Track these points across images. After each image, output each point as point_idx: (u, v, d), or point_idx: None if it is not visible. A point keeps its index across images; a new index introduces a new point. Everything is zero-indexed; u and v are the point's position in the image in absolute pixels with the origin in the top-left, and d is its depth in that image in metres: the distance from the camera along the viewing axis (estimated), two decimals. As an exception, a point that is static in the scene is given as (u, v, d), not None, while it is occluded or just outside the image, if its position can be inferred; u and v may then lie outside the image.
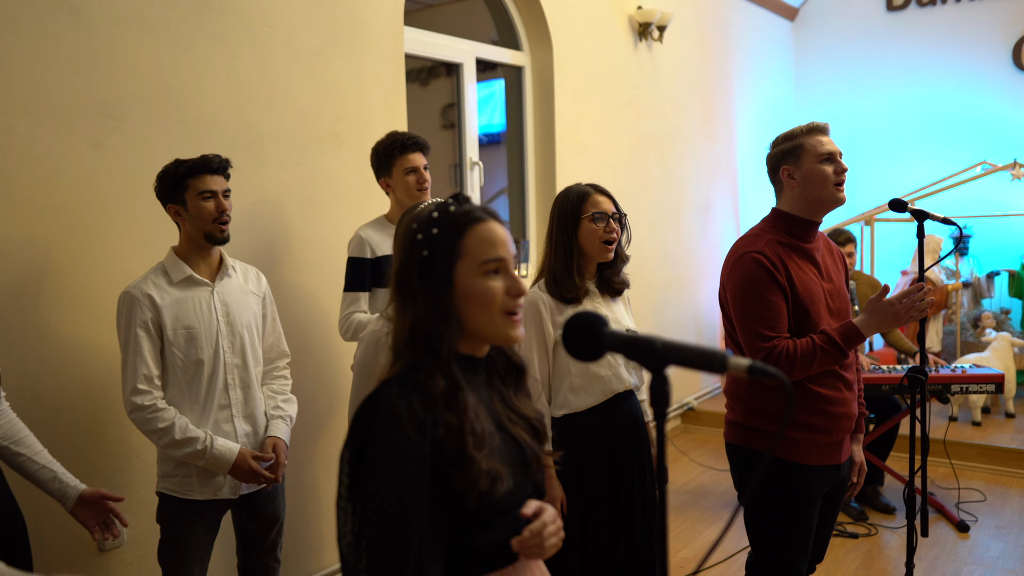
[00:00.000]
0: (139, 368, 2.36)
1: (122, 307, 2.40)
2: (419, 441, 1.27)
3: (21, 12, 2.52)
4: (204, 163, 2.45)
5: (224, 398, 2.47)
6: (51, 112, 2.60)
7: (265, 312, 2.65)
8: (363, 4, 3.61)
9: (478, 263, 1.36)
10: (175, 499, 2.45)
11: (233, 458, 2.40)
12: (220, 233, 2.47)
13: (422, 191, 3.12)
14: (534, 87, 4.88)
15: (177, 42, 2.92)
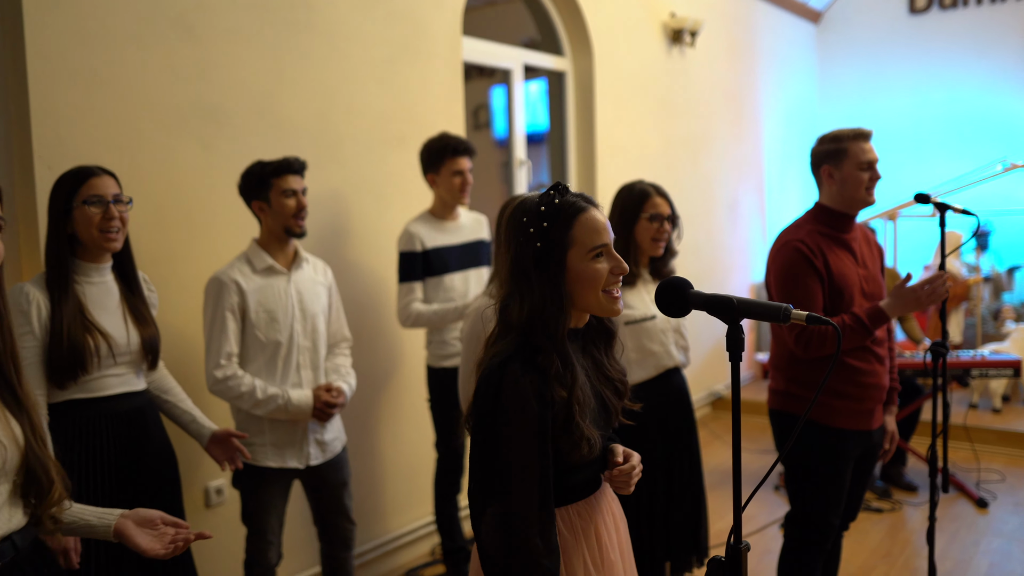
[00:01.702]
0: (223, 346, 2.67)
1: (210, 291, 2.72)
2: (541, 413, 1.52)
3: (146, 31, 2.87)
4: (287, 165, 2.77)
5: (296, 377, 2.77)
6: (169, 116, 2.95)
7: (331, 301, 2.94)
8: (427, 16, 3.95)
9: (587, 250, 1.57)
10: (251, 467, 2.73)
11: (310, 402, 2.71)
12: (298, 228, 2.79)
13: (464, 193, 3.44)
14: (575, 91, 5.20)
15: (272, 55, 3.27)
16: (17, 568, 1.46)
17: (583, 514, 1.66)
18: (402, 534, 3.88)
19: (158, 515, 1.60)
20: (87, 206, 2.25)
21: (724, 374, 6.68)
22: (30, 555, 1.50)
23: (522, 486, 1.51)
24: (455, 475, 3.56)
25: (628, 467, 1.71)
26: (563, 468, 1.61)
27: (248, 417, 2.73)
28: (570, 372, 1.58)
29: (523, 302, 1.58)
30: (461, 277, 3.41)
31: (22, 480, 1.48)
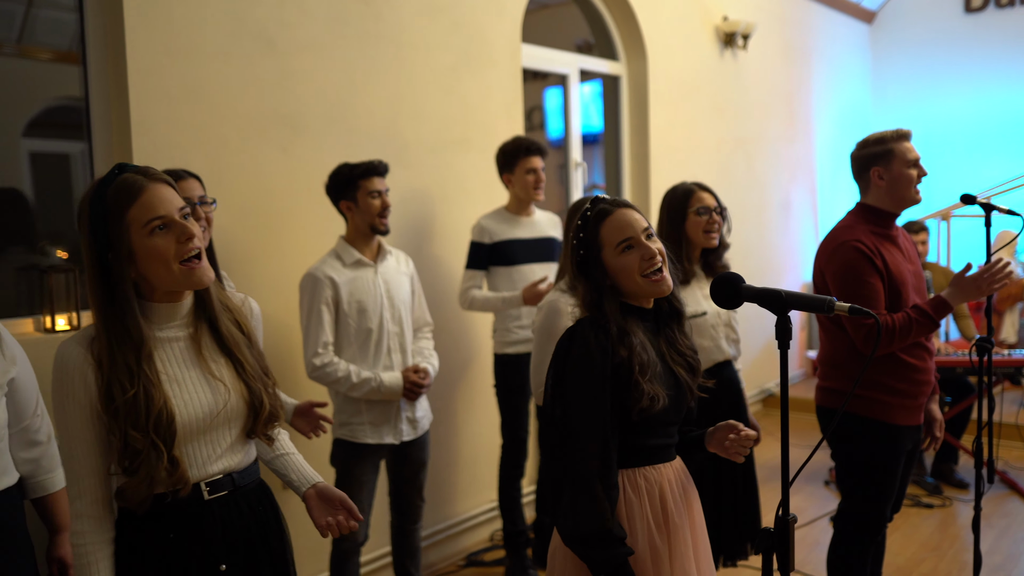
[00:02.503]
0: (320, 336, 2.90)
1: (306, 286, 2.94)
2: (603, 362, 1.78)
3: (232, 46, 3.10)
4: (372, 167, 2.99)
5: (387, 360, 3.00)
6: (252, 125, 3.18)
7: (413, 289, 3.17)
8: (489, 25, 4.14)
9: (614, 246, 1.86)
10: (349, 443, 2.99)
11: (400, 383, 2.94)
12: (382, 226, 3.01)
13: (537, 190, 3.63)
14: (629, 94, 5.34)
15: (344, 65, 3.48)
16: (234, 503, 1.67)
17: (649, 478, 1.85)
18: (464, 519, 4.07)
19: (340, 498, 1.80)
20: None
21: (774, 373, 6.77)
22: (248, 494, 1.71)
23: (584, 429, 1.75)
24: (519, 459, 3.74)
25: (746, 435, 1.90)
26: (635, 429, 1.82)
27: (345, 399, 2.97)
28: (627, 338, 1.82)
29: (579, 289, 1.90)
30: (528, 269, 3.60)
31: (246, 420, 1.69)
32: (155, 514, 1.61)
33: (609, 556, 1.70)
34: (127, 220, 1.54)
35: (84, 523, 1.59)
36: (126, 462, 1.56)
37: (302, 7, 3.32)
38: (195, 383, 1.63)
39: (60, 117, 3.16)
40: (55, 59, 3.08)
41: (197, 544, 1.62)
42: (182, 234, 1.56)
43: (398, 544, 3.24)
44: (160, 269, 1.57)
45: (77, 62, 2.97)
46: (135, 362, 1.56)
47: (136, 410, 1.54)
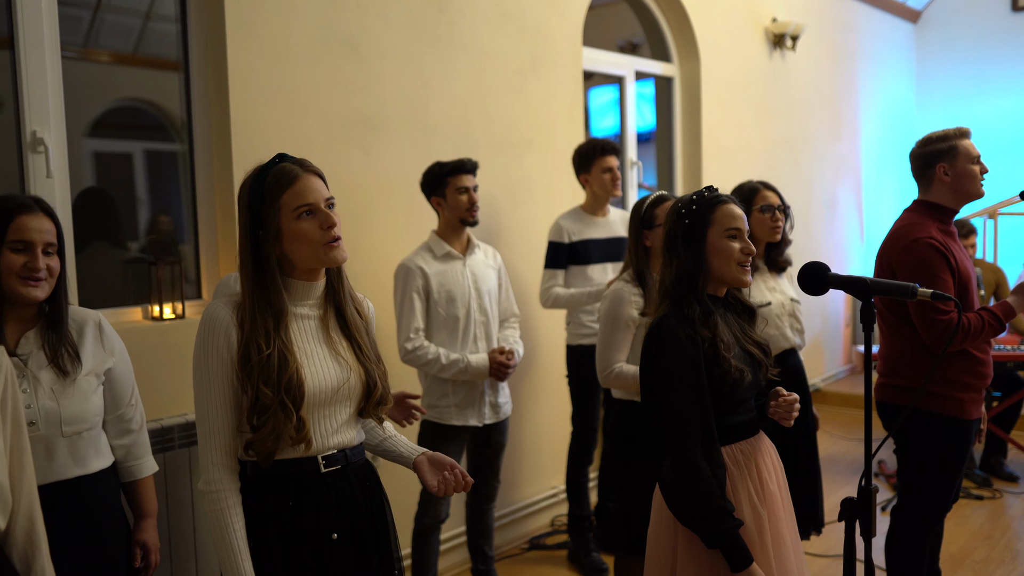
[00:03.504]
0: (412, 322, 3.10)
1: (399, 276, 3.13)
2: (694, 353, 1.94)
3: (320, 51, 3.29)
4: (461, 165, 3.17)
5: (474, 347, 3.19)
6: (336, 125, 3.37)
7: (500, 281, 3.36)
8: (552, 30, 4.30)
9: (723, 229, 2.03)
10: (436, 424, 3.18)
11: (487, 363, 3.12)
12: (471, 217, 3.19)
13: (615, 187, 3.78)
14: (682, 94, 5.48)
15: (421, 69, 3.66)
16: (345, 477, 1.80)
17: (745, 452, 2.02)
18: (527, 504, 4.24)
19: (449, 463, 1.92)
20: None
21: (820, 369, 6.88)
22: (357, 470, 1.85)
23: (684, 415, 1.90)
24: (589, 447, 3.89)
25: (791, 398, 2.07)
26: (723, 409, 1.97)
27: (435, 381, 3.16)
28: (711, 317, 1.99)
29: (672, 266, 2.05)
30: (601, 268, 3.75)
31: (360, 399, 1.81)
32: (277, 481, 1.73)
33: (722, 530, 1.86)
34: (279, 204, 1.71)
35: (218, 471, 1.70)
36: (254, 418, 1.68)
37: (383, 15, 3.51)
38: (323, 358, 1.77)
39: (123, 118, 3.36)
40: (152, 65, 3.28)
41: (312, 513, 1.74)
42: (324, 222, 1.73)
43: (472, 523, 3.42)
44: (303, 248, 1.72)
45: (178, 68, 3.17)
46: (273, 328, 1.70)
47: (269, 369, 1.67)
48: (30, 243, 1.94)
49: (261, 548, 1.71)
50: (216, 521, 1.69)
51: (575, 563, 3.90)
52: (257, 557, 1.70)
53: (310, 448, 1.74)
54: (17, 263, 1.92)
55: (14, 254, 1.92)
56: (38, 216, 1.97)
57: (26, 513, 1.51)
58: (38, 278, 1.94)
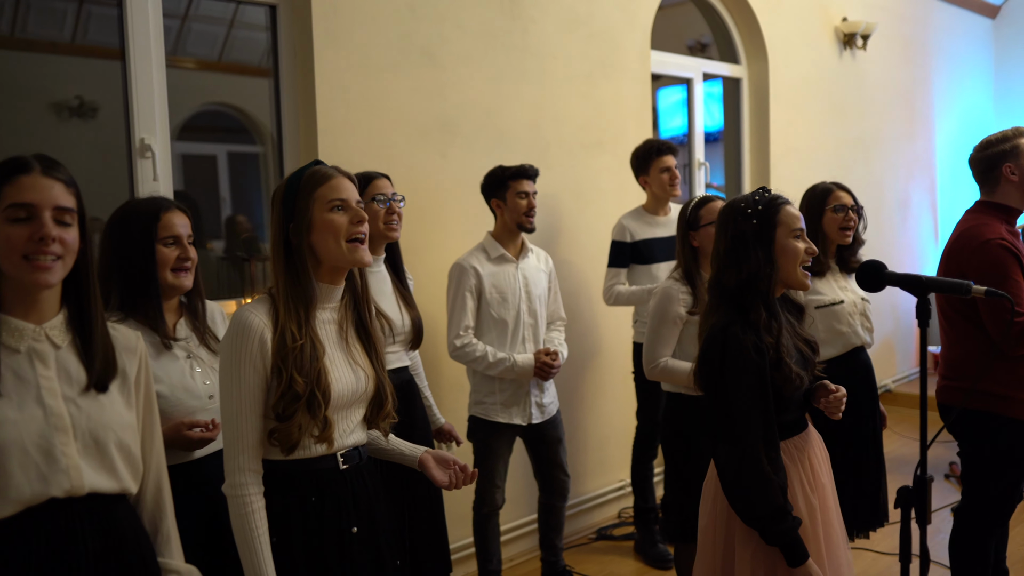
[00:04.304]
0: (462, 320, 3.23)
1: (453, 274, 3.28)
2: (759, 360, 2.00)
3: (400, 59, 3.47)
4: (522, 171, 3.29)
5: (522, 348, 3.30)
6: (415, 130, 3.54)
7: (550, 286, 3.47)
8: (621, 34, 4.41)
9: (790, 230, 2.09)
10: (482, 420, 3.30)
11: (532, 363, 3.23)
12: (528, 224, 3.30)
13: (674, 186, 3.87)
14: (750, 95, 5.53)
15: (494, 75, 3.82)
16: (359, 473, 1.92)
17: (798, 446, 2.10)
18: (594, 496, 4.37)
19: (452, 458, 2.03)
20: (373, 203, 2.79)
21: (891, 370, 6.83)
22: (370, 467, 1.97)
23: (748, 421, 1.97)
24: (653, 440, 3.99)
25: (841, 394, 2.15)
26: (778, 406, 2.04)
27: (482, 378, 3.29)
28: (775, 322, 2.06)
29: (740, 268, 2.07)
30: (667, 267, 3.84)
31: (370, 403, 1.93)
32: (300, 479, 1.79)
33: (783, 529, 1.95)
34: (314, 196, 1.79)
35: (244, 476, 1.74)
36: (282, 406, 1.73)
37: (459, 24, 3.67)
38: (343, 364, 1.84)
39: (207, 121, 3.57)
40: (243, 72, 3.51)
41: (333, 508, 1.81)
42: (355, 217, 1.82)
43: (544, 519, 3.55)
44: (330, 241, 1.78)
45: (260, 74, 3.39)
46: (304, 316, 1.77)
47: (302, 359, 1.73)
48: (178, 237, 2.15)
49: (285, 543, 1.77)
50: (241, 524, 1.74)
51: (641, 554, 4.01)
52: (282, 551, 1.76)
53: (331, 447, 1.81)
54: (171, 256, 2.14)
55: (166, 248, 2.13)
56: (179, 212, 2.19)
57: (155, 480, 1.68)
58: (187, 268, 2.16)
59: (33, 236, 1.45)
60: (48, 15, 2.86)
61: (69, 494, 1.47)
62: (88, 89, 3.01)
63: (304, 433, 1.76)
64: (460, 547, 3.69)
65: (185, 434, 2.07)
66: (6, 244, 1.45)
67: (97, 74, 3.09)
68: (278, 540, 1.77)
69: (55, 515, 1.47)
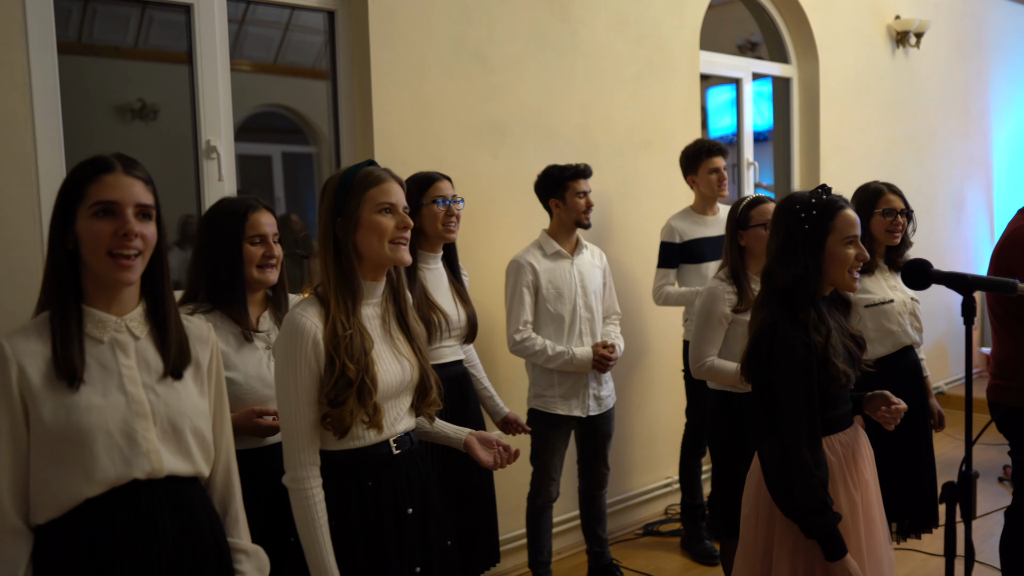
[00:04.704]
0: (521, 315, 3.31)
1: (511, 271, 3.36)
2: (807, 357, 2.04)
3: (453, 63, 3.57)
4: (580, 170, 3.36)
5: (579, 342, 3.37)
6: (467, 132, 3.63)
7: (605, 281, 3.53)
8: (670, 35, 4.45)
9: (842, 236, 2.10)
10: (542, 413, 3.38)
11: (591, 355, 3.29)
12: (586, 220, 3.38)
13: (722, 187, 3.90)
14: (800, 94, 5.52)
15: (544, 77, 3.89)
16: (411, 458, 1.99)
17: (844, 443, 2.14)
18: (641, 492, 4.41)
19: (495, 438, 2.12)
20: (433, 204, 2.89)
21: (945, 373, 6.74)
22: (421, 451, 2.05)
23: (793, 416, 2.01)
24: (701, 438, 4.02)
25: (901, 407, 2.18)
26: (824, 403, 2.08)
27: (541, 372, 3.37)
28: (823, 322, 2.09)
29: (789, 269, 2.10)
30: (715, 265, 3.88)
31: (416, 391, 1.98)
32: (358, 466, 1.87)
33: (823, 523, 1.98)
34: (364, 197, 1.86)
35: (304, 470, 1.81)
36: (334, 392, 1.80)
37: (510, 27, 3.75)
38: (389, 356, 1.91)
39: (262, 122, 3.67)
40: (301, 75, 3.63)
41: (389, 491, 1.89)
42: (401, 222, 1.90)
43: (586, 508, 3.63)
44: (374, 241, 1.86)
45: (314, 76, 3.50)
46: (352, 307, 1.85)
47: (352, 346, 1.81)
48: (264, 236, 2.28)
49: (345, 526, 1.85)
50: (302, 515, 1.81)
51: (687, 550, 4.05)
52: (342, 534, 1.84)
53: (381, 433, 1.88)
54: (257, 254, 2.26)
55: (253, 246, 2.26)
56: (265, 212, 2.31)
57: (224, 464, 1.77)
58: (272, 264, 2.28)
59: (117, 232, 1.55)
60: (113, 21, 2.99)
61: (150, 476, 1.58)
62: (150, 92, 3.14)
63: (355, 419, 1.83)
64: (508, 539, 3.76)
65: (256, 421, 2.18)
66: (92, 240, 1.55)
67: (158, 77, 3.22)
68: (337, 524, 1.84)
69: (137, 495, 1.57)
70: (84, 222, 1.56)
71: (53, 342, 1.55)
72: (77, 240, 1.57)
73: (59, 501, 1.53)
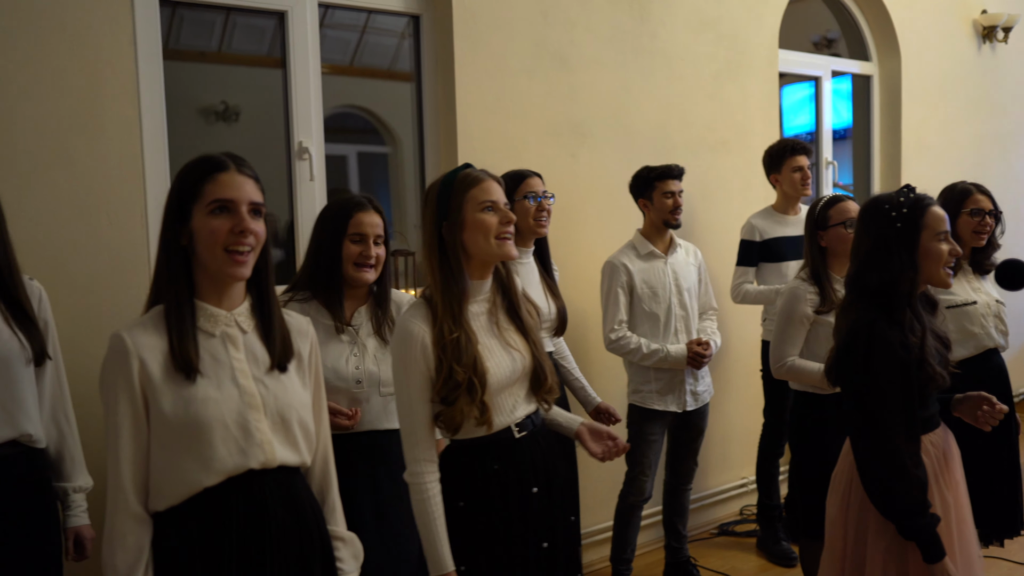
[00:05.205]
0: (616, 315, 3.36)
1: (605, 272, 3.41)
2: (905, 357, 2.03)
3: (533, 64, 3.63)
4: (669, 170, 3.39)
5: (674, 340, 3.41)
6: (547, 132, 3.69)
7: (700, 277, 3.56)
8: (749, 35, 4.44)
9: (935, 233, 2.10)
10: (640, 408, 3.43)
11: (685, 352, 3.33)
12: (675, 221, 3.41)
13: (805, 187, 3.88)
14: (881, 92, 5.43)
15: (623, 77, 3.92)
16: (534, 440, 2.04)
17: (935, 442, 2.14)
18: (716, 492, 4.41)
19: (606, 431, 2.16)
20: (524, 200, 2.96)
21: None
22: (545, 433, 2.11)
23: (892, 417, 2.01)
24: (779, 438, 4.01)
25: (1003, 409, 2.17)
26: (919, 404, 2.07)
27: (638, 368, 3.41)
28: (919, 322, 2.08)
29: (884, 270, 2.09)
30: (796, 265, 3.85)
31: (531, 379, 2.04)
32: (484, 450, 1.95)
33: (922, 525, 1.98)
34: (467, 197, 1.92)
35: (421, 465, 1.90)
36: (444, 392, 1.87)
37: (589, 28, 3.80)
38: (498, 349, 1.97)
39: (339, 123, 3.76)
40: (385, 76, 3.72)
41: (514, 472, 1.96)
42: (504, 218, 1.95)
43: (669, 502, 3.65)
44: (480, 239, 1.92)
45: (401, 79, 3.59)
46: (458, 311, 1.91)
47: (459, 349, 1.87)
48: (364, 236, 2.35)
49: (473, 506, 1.93)
50: (421, 509, 1.89)
51: (764, 551, 4.04)
52: (471, 514, 1.93)
53: (490, 429, 1.94)
54: (354, 252, 2.34)
55: (352, 244, 2.34)
56: (371, 213, 2.38)
57: (322, 454, 1.83)
58: (369, 265, 2.34)
59: (233, 229, 1.60)
60: (198, 26, 3.10)
61: (263, 466, 1.63)
62: (232, 94, 3.27)
63: (466, 417, 1.89)
64: (590, 532, 3.82)
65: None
66: (210, 237, 1.60)
67: (241, 80, 3.34)
68: (466, 504, 1.94)
69: (251, 485, 1.62)
70: (200, 219, 1.60)
71: (169, 336, 1.60)
72: (192, 236, 1.61)
73: (178, 489, 1.58)
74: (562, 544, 2.05)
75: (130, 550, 1.56)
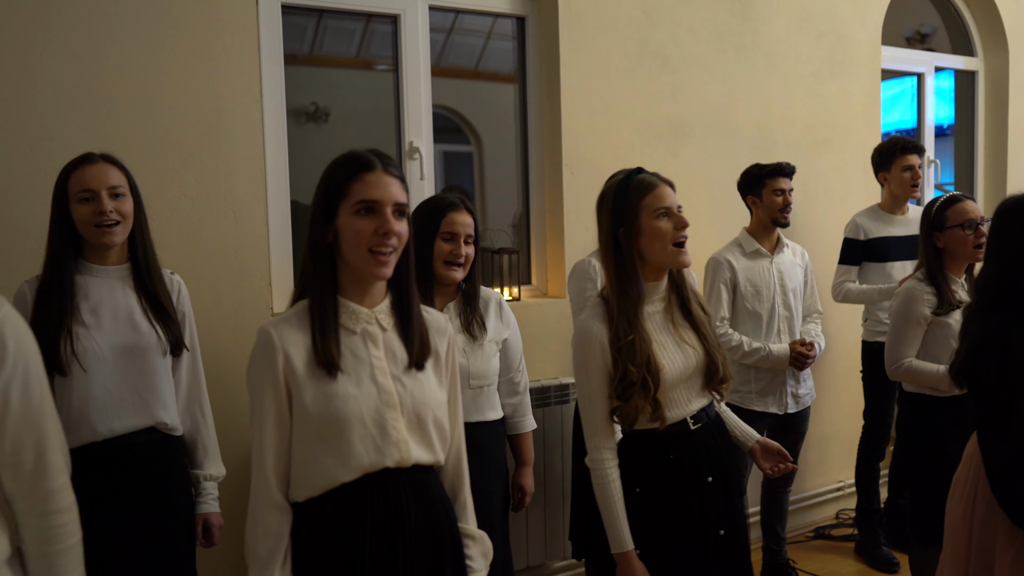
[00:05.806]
0: (718, 311, 3.36)
1: (709, 268, 3.41)
2: None
3: (635, 64, 3.64)
4: (779, 168, 3.38)
5: (777, 339, 3.39)
6: (649, 131, 3.70)
7: (807, 279, 3.53)
8: (851, 32, 4.36)
9: None
10: (738, 408, 3.40)
11: (788, 352, 3.32)
12: (783, 219, 3.39)
13: (915, 187, 3.80)
14: (987, 88, 5.26)
15: (724, 76, 3.90)
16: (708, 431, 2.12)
17: None
18: (812, 495, 4.36)
19: (777, 448, 2.26)
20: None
21: None
22: (719, 425, 2.20)
23: None
24: (881, 442, 3.95)
25: None
26: None
27: (738, 367, 3.41)
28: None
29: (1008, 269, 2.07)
30: (901, 266, 3.79)
31: (704, 373, 2.13)
32: (661, 441, 2.06)
33: None
34: (641, 205, 2.02)
35: (601, 453, 2.06)
36: (620, 389, 2.01)
37: (691, 28, 3.79)
38: (672, 347, 2.07)
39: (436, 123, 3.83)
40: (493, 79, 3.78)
41: (689, 462, 2.07)
42: (678, 223, 2.03)
43: (767, 504, 3.63)
44: (656, 245, 2.02)
45: (514, 81, 3.64)
46: (633, 313, 2.02)
47: (633, 351, 1.99)
48: (456, 235, 2.43)
49: (650, 493, 2.06)
50: (601, 491, 2.06)
51: (863, 555, 3.97)
52: (647, 500, 2.05)
53: (664, 424, 2.04)
54: (445, 250, 2.42)
55: (444, 243, 2.42)
56: (464, 213, 2.46)
57: (456, 452, 1.81)
58: (459, 263, 2.43)
59: (378, 230, 1.60)
60: (289, 29, 3.18)
61: (399, 464, 1.64)
62: (322, 96, 3.35)
63: (641, 412, 2.02)
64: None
65: None
66: (355, 237, 1.60)
67: (330, 82, 3.42)
68: (642, 490, 2.07)
69: (386, 482, 1.63)
70: (346, 219, 1.60)
71: (312, 332, 1.61)
72: (337, 234, 1.62)
73: (317, 482, 1.60)
74: (738, 532, 2.15)
75: (271, 537, 1.60)
